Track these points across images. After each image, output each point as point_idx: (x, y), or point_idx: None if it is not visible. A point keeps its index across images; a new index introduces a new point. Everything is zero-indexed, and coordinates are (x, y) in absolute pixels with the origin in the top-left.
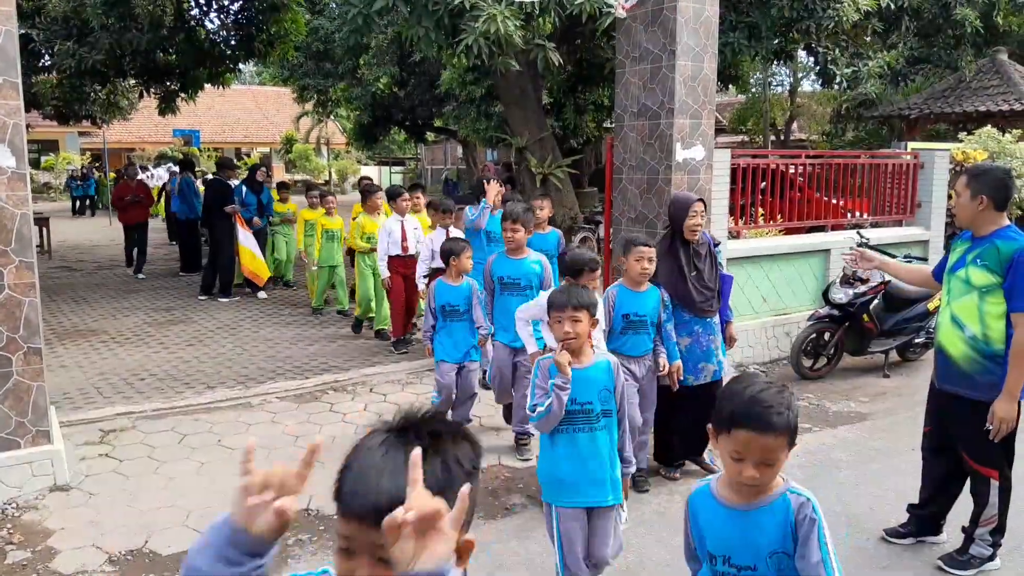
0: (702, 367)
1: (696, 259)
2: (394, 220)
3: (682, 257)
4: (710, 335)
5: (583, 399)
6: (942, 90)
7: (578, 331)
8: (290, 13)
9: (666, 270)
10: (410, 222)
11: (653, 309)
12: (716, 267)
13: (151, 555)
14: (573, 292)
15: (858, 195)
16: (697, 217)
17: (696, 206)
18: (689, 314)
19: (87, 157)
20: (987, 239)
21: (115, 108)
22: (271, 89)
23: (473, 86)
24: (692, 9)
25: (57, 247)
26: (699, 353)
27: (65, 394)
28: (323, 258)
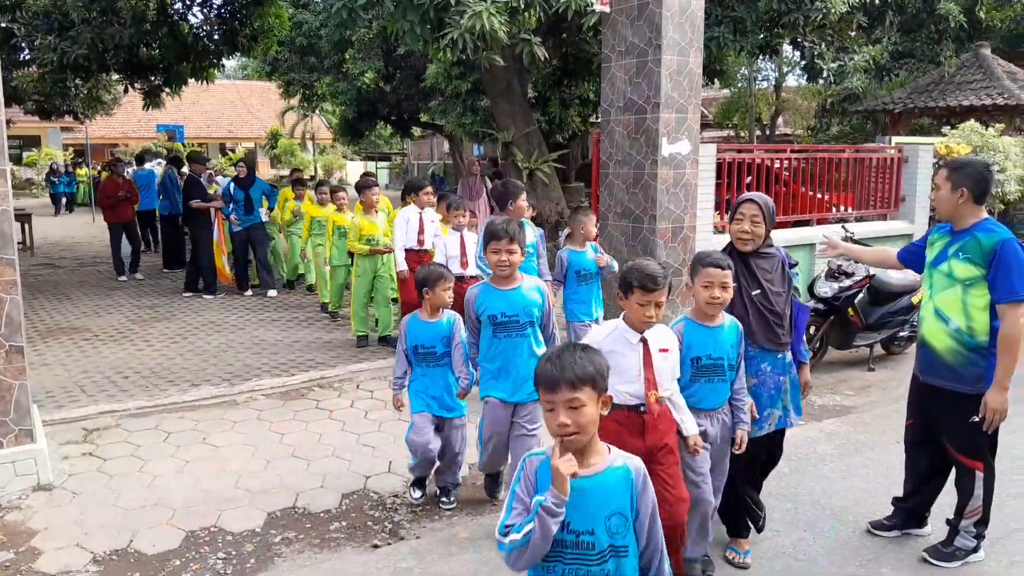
0: (767, 414)
1: (760, 275)
2: (412, 210)
3: (740, 269)
4: (779, 375)
5: (580, 526)
6: (926, 85)
7: (578, 420)
8: (274, 7)
9: None
10: (429, 215)
11: (732, 349)
12: (789, 290)
13: (136, 554)
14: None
15: (843, 189)
16: (745, 222)
17: (745, 208)
18: (753, 347)
19: (70, 153)
20: (967, 232)
21: (97, 103)
22: (256, 84)
23: (459, 80)
24: (677, 3)
25: (40, 244)
26: (765, 398)
27: (48, 392)
28: (337, 257)
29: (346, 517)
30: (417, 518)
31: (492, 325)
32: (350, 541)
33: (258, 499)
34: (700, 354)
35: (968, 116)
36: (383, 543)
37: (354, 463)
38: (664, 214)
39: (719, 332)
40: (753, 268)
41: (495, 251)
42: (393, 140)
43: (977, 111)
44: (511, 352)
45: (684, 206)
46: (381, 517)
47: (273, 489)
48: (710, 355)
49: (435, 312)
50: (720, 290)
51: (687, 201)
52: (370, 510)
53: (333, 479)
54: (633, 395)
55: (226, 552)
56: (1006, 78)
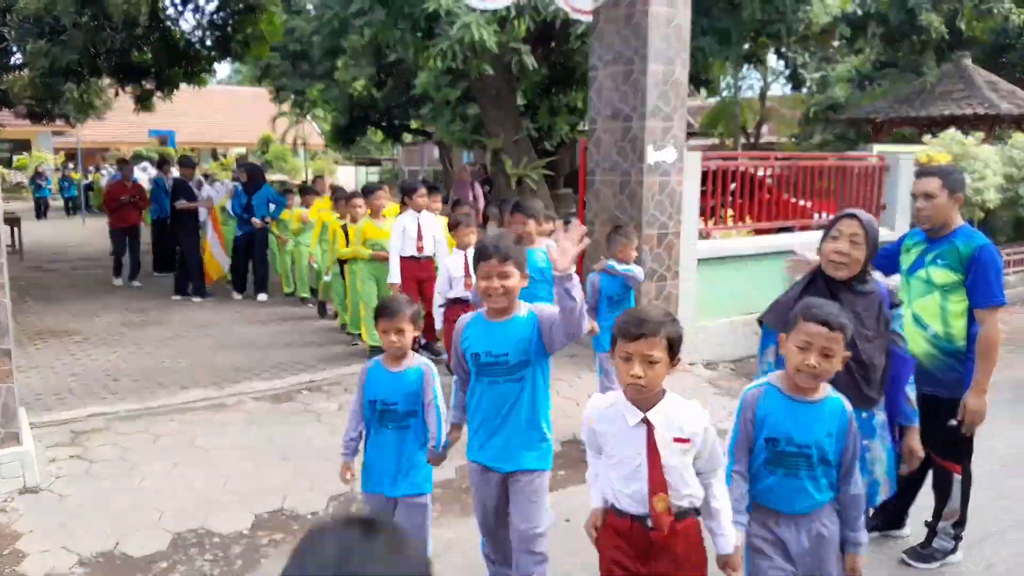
0: None
1: (852, 309)
2: (409, 216)
3: None
4: (868, 438)
5: None
6: (908, 94)
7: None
8: (266, 14)
9: None
10: (427, 219)
11: (829, 439)
12: (886, 332)
13: (122, 556)
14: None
15: (825, 197)
16: (842, 241)
17: (844, 224)
18: None
19: (61, 157)
20: (945, 239)
21: (89, 107)
22: (248, 89)
23: (449, 88)
24: (664, 13)
25: (30, 247)
26: None
27: (37, 395)
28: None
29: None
30: None
31: (476, 366)
32: None
33: (246, 501)
34: (777, 435)
35: (949, 125)
36: None
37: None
38: (650, 221)
39: (813, 411)
40: (843, 302)
41: (484, 275)
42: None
43: (958, 120)
44: (498, 403)
45: (670, 213)
46: None
47: (261, 491)
48: (792, 439)
49: (398, 358)
50: (820, 358)
51: (673, 208)
52: (358, 512)
53: (322, 482)
54: (634, 499)
55: (213, 554)
56: (986, 88)
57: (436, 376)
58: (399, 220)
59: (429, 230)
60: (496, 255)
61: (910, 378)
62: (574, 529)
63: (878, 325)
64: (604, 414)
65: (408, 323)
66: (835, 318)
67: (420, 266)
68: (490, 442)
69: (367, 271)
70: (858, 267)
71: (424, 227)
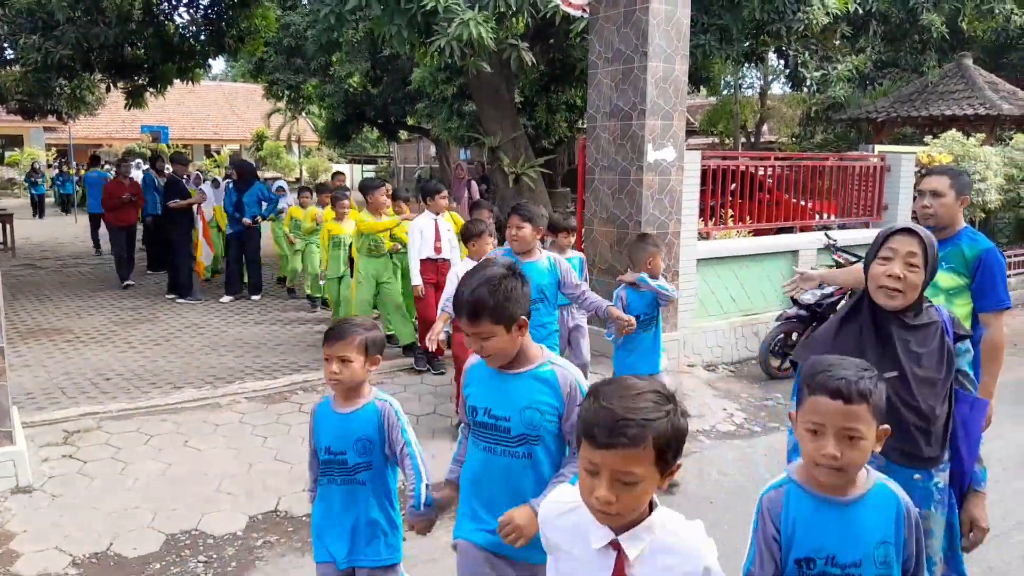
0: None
1: (902, 349)
2: (427, 218)
3: (869, 336)
4: (924, 507)
5: None
6: (909, 94)
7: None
8: (260, 8)
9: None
10: (444, 222)
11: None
12: (951, 376)
13: (116, 557)
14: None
15: (826, 197)
16: (895, 264)
17: (897, 242)
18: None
19: (52, 153)
20: (949, 242)
21: (81, 103)
22: (241, 85)
23: (445, 85)
24: (664, 11)
25: (21, 244)
26: None
27: (28, 394)
28: (333, 269)
29: None
30: None
31: (473, 422)
32: None
33: (240, 502)
34: (812, 553)
35: (950, 125)
36: None
37: None
38: (649, 220)
39: (855, 514)
40: (893, 337)
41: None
42: (380, 143)
43: (959, 120)
44: (495, 474)
45: (669, 212)
46: None
47: (255, 492)
48: (834, 558)
49: (348, 396)
50: (841, 444)
51: (672, 207)
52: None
53: None
54: None
55: (207, 556)
56: (987, 88)
57: (401, 415)
58: (416, 221)
59: (447, 232)
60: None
61: (982, 428)
62: None
63: (941, 364)
64: (557, 523)
65: (358, 351)
66: (854, 385)
67: (437, 268)
68: (480, 512)
69: (365, 270)
70: (915, 294)
71: (442, 229)
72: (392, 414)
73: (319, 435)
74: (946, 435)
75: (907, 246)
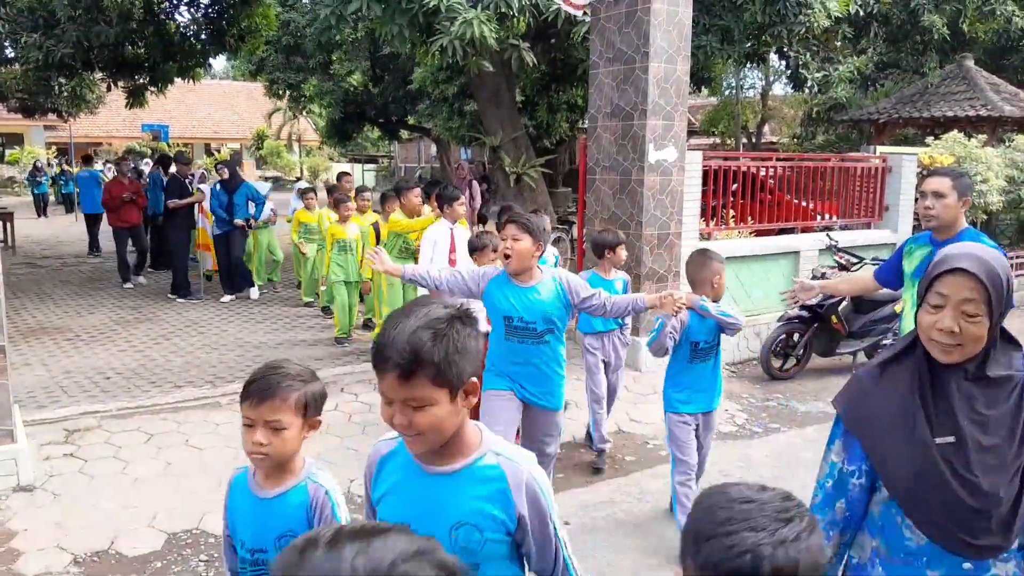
0: None
1: (961, 409)
2: (443, 227)
3: (921, 388)
4: None
5: None
6: (910, 95)
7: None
8: (261, 7)
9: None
10: (462, 232)
11: None
12: None
13: (117, 556)
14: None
15: (827, 198)
16: (946, 313)
17: (948, 284)
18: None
19: (53, 151)
20: (950, 242)
21: (82, 101)
22: (242, 84)
23: (446, 84)
24: (665, 11)
25: (21, 243)
26: None
27: (29, 392)
28: (337, 273)
29: None
30: None
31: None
32: None
33: None
34: None
35: (952, 127)
36: None
37: (337, 466)
38: (650, 220)
39: None
40: (953, 392)
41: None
42: (380, 143)
43: (960, 122)
44: None
45: (670, 212)
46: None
47: None
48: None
49: (271, 474)
50: None
51: (673, 208)
52: (353, 512)
53: None
54: None
55: (208, 555)
56: (989, 89)
57: (337, 505)
58: (430, 230)
59: (463, 242)
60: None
61: None
62: (573, 532)
63: (1013, 434)
64: None
65: (294, 412)
66: (766, 562)
67: None
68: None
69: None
70: (978, 346)
71: (458, 239)
72: (326, 504)
73: (234, 524)
74: (1014, 520)
75: (961, 291)
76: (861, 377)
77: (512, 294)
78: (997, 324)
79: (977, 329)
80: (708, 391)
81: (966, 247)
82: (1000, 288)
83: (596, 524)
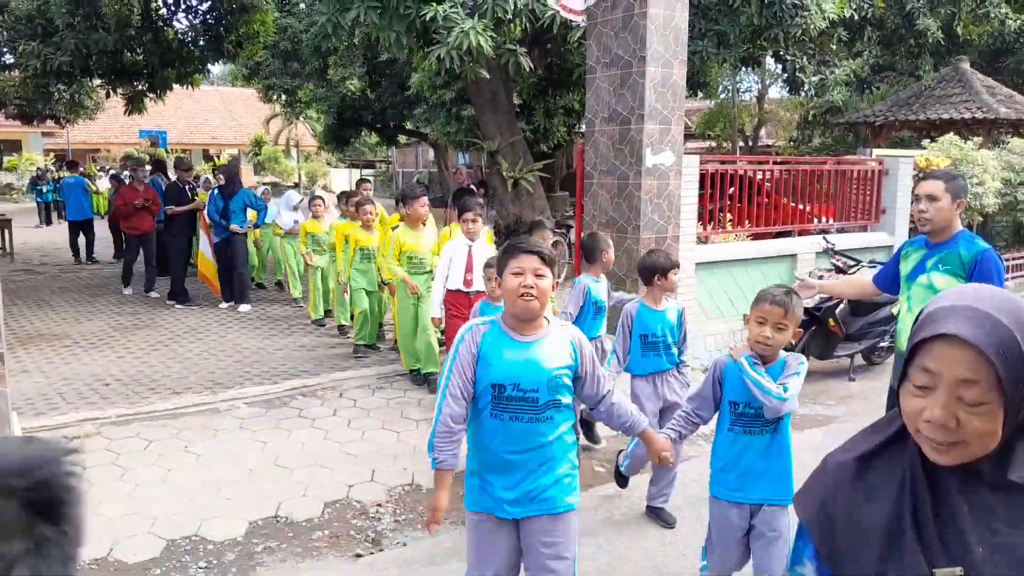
0: None
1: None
2: (460, 244)
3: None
4: None
5: None
6: (906, 98)
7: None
8: (259, 13)
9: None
10: (481, 248)
11: None
12: None
13: (116, 563)
14: None
15: (824, 201)
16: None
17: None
18: None
19: (51, 158)
20: (946, 244)
21: (80, 108)
22: (240, 90)
23: (443, 89)
24: (662, 16)
25: (20, 250)
26: None
27: (28, 400)
28: (360, 281)
29: (328, 526)
30: (400, 527)
31: None
32: (332, 550)
33: (240, 508)
34: None
35: (948, 129)
36: (366, 552)
37: (337, 472)
38: (647, 224)
39: None
40: (959, 509)
41: None
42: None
43: (956, 124)
44: None
45: (667, 216)
46: (364, 526)
47: (255, 498)
48: None
49: None
50: None
51: (670, 212)
52: (353, 519)
53: (316, 488)
54: None
55: (207, 561)
56: (985, 92)
57: None
58: (447, 247)
59: (482, 260)
60: None
61: None
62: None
63: None
64: None
65: None
66: None
67: (469, 300)
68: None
69: (405, 289)
70: (990, 442)
71: (476, 257)
72: None
73: None
74: None
75: (955, 367)
76: (833, 472)
77: (508, 350)
78: (1014, 418)
79: (983, 423)
80: (769, 476)
81: (965, 294)
82: (1018, 360)
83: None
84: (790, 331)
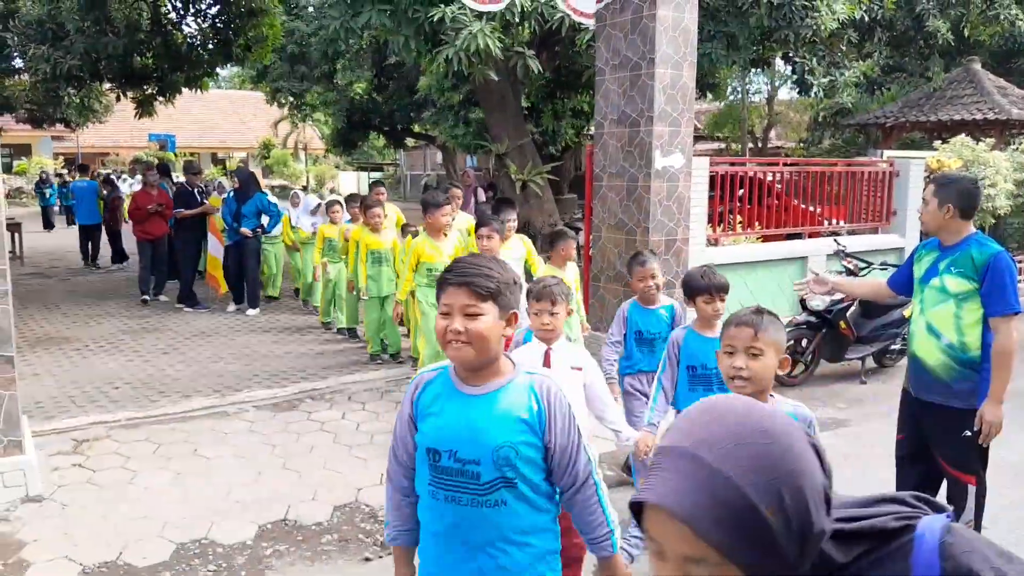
0: None
1: None
2: (537, 347)
3: None
4: None
5: None
6: (917, 99)
7: None
8: (268, 17)
9: None
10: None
11: None
12: None
13: (125, 567)
14: None
15: (835, 203)
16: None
17: (653, 524)
18: None
19: (60, 161)
20: (958, 247)
21: (89, 112)
22: (248, 93)
23: (451, 92)
24: (671, 18)
25: (29, 253)
26: None
27: (38, 403)
28: (374, 288)
29: (338, 530)
30: None
31: None
32: (342, 554)
33: (249, 511)
34: None
35: (959, 130)
36: (375, 556)
37: (346, 475)
38: (657, 226)
39: None
40: None
41: None
42: (386, 151)
43: (968, 125)
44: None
45: (677, 219)
46: (373, 530)
47: (264, 501)
48: None
49: None
50: None
51: (680, 214)
52: (362, 523)
53: (325, 491)
54: None
55: (216, 565)
56: (996, 93)
57: None
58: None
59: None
60: None
61: None
62: None
63: None
64: None
65: None
66: None
67: None
68: None
69: (430, 297)
70: None
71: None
72: None
73: None
74: None
75: (677, 544)
76: None
77: (451, 404)
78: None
79: None
80: None
81: (699, 426)
82: (751, 526)
83: None
84: (770, 357)
